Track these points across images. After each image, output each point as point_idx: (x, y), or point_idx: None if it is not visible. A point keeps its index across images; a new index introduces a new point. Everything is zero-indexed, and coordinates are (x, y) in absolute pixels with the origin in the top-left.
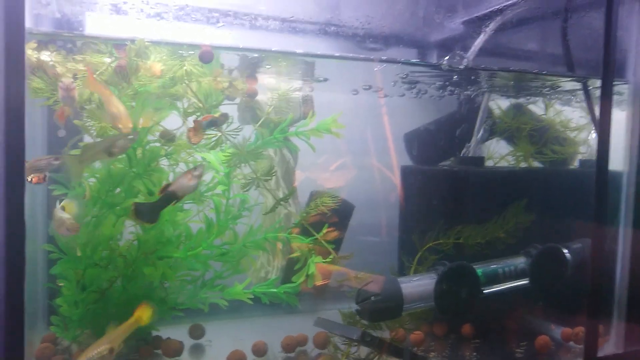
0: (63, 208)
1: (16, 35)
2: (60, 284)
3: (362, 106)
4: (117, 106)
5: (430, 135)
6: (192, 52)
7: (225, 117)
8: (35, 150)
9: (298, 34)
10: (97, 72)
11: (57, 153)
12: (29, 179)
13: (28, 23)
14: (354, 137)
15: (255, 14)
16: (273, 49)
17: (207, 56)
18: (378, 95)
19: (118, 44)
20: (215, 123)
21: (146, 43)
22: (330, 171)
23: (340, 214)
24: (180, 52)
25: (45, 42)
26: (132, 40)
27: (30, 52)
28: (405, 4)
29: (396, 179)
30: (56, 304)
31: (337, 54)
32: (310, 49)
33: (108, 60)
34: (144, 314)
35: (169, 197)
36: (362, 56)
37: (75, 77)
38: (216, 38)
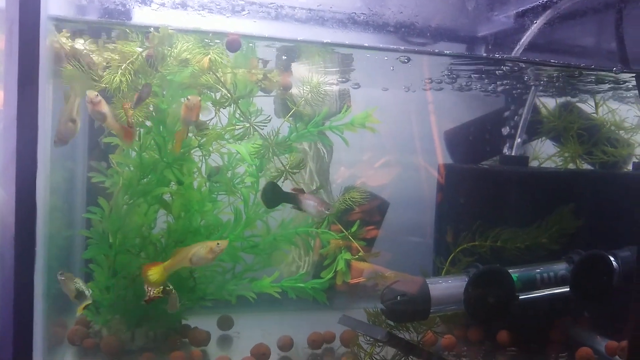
0: None
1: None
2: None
3: (402, 102)
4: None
5: (471, 133)
6: (218, 41)
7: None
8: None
9: (338, 26)
10: (128, 61)
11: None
12: None
13: (58, 10)
14: (392, 134)
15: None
16: (305, 39)
17: (234, 44)
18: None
19: (148, 33)
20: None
21: (170, 31)
22: (373, 169)
23: (375, 211)
24: (207, 40)
25: (80, 30)
26: (157, 28)
27: (65, 40)
28: None
29: (435, 177)
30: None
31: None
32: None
33: (139, 49)
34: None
35: (294, 198)
36: (403, 48)
37: (106, 66)
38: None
